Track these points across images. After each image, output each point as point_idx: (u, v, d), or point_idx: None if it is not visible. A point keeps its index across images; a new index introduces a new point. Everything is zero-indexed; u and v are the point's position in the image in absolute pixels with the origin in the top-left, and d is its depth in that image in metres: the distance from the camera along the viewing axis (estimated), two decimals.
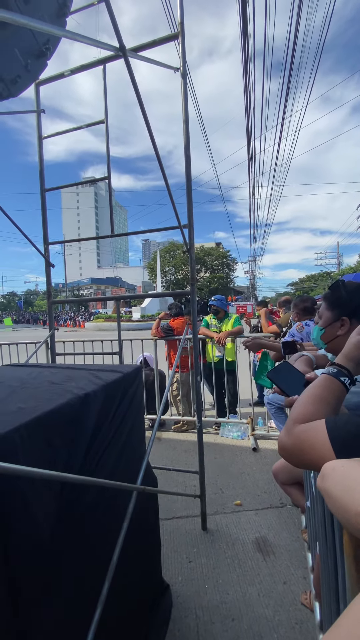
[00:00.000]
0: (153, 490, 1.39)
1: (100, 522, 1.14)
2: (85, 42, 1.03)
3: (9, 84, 1.01)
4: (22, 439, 0.90)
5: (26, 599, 0.85)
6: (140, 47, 2.15)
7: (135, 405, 1.52)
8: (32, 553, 0.88)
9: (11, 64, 1.02)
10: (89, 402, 1.19)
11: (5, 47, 0.98)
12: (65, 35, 0.96)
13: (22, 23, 0.74)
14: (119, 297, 2.70)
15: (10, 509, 0.82)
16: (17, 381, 1.45)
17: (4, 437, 0.85)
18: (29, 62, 1.08)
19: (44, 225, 2.69)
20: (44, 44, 1.14)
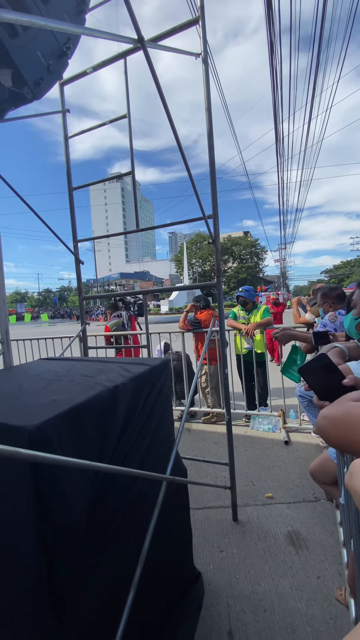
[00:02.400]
0: (182, 481, 1.42)
1: (132, 510, 1.18)
2: (104, 37, 1.03)
3: (32, 87, 1.04)
4: (56, 429, 0.95)
5: (63, 581, 0.90)
6: (160, 36, 2.12)
7: (163, 397, 1.54)
8: (69, 538, 0.93)
9: (34, 67, 1.04)
10: (118, 394, 1.22)
11: (27, 50, 1.01)
12: (84, 32, 0.96)
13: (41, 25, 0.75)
14: (146, 291, 2.74)
15: (48, 497, 0.87)
16: (52, 374, 1.53)
17: (40, 427, 0.90)
18: (50, 63, 1.10)
19: (73, 223, 2.77)
20: (65, 43, 1.15)
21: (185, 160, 1.69)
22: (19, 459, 0.61)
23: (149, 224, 3.93)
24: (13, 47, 0.95)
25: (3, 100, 0.97)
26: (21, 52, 0.99)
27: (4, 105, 1.00)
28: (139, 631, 1.21)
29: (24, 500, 0.87)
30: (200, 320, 4.36)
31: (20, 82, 1.00)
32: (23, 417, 0.94)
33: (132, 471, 0.97)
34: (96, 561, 1.01)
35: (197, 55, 2.11)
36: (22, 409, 1.03)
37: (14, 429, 0.89)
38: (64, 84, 2.59)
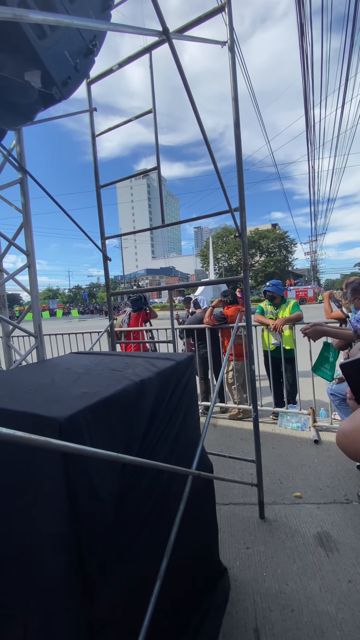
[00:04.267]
0: (208, 476, 1.42)
1: (158, 503, 1.20)
2: (129, 32, 1.03)
3: (60, 86, 1.07)
4: (86, 421, 0.98)
5: (92, 569, 0.93)
6: (186, 27, 2.08)
7: (189, 392, 1.55)
8: (97, 527, 0.96)
9: (62, 66, 1.06)
10: (144, 388, 1.24)
11: (55, 50, 1.03)
12: (110, 28, 0.97)
13: (68, 23, 0.76)
14: (172, 287, 2.74)
15: (78, 486, 0.90)
16: (82, 368, 1.58)
17: (71, 418, 0.93)
18: (77, 62, 1.12)
19: (100, 220, 2.83)
20: (91, 41, 1.16)
21: (212, 153, 1.66)
22: (50, 449, 0.64)
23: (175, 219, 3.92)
24: (42, 48, 0.97)
25: (33, 101, 1.01)
26: (49, 53, 1.01)
27: (34, 106, 1.03)
28: (166, 621, 1.24)
29: (56, 488, 0.91)
30: (227, 316, 4.31)
31: (49, 82, 1.03)
32: (55, 409, 0.98)
33: (159, 464, 0.98)
34: (124, 551, 1.04)
35: (223, 43, 2.05)
36: (54, 401, 1.07)
37: (46, 419, 0.93)
38: (91, 83, 2.63)
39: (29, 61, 0.97)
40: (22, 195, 2.06)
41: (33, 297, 2.12)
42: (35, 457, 0.94)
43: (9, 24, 0.88)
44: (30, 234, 2.08)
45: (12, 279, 2.14)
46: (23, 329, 2.20)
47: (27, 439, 0.58)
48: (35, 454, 0.93)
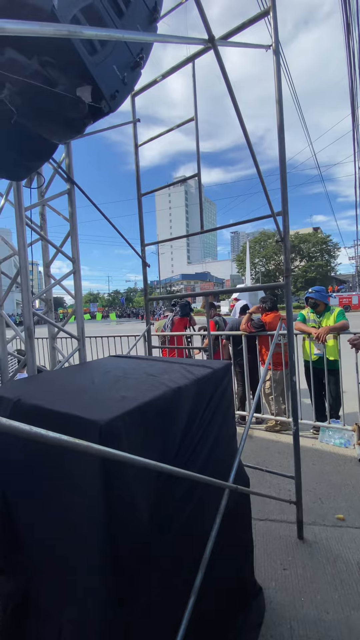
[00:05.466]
0: (246, 491, 1.36)
1: (193, 514, 1.17)
2: (176, 42, 1.05)
3: (109, 100, 1.11)
4: (125, 425, 0.99)
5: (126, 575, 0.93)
6: (230, 34, 2.08)
7: (226, 402, 1.51)
8: (133, 533, 0.96)
9: (111, 80, 1.11)
10: (181, 396, 1.23)
11: (104, 65, 1.07)
12: (157, 39, 0.99)
13: (118, 37, 0.79)
14: (208, 293, 2.72)
15: (115, 490, 0.91)
16: (121, 371, 1.61)
17: (111, 422, 0.94)
18: (125, 75, 1.16)
19: (141, 227, 2.90)
20: (138, 54, 1.20)
21: (255, 158, 1.63)
22: (92, 454, 0.64)
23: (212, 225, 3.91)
24: (92, 64, 1.02)
25: (83, 115, 1.06)
26: (99, 68, 1.06)
27: (84, 120, 1.08)
28: (198, 637, 1.20)
29: (94, 491, 0.92)
30: (265, 323, 4.18)
31: (98, 96, 1.08)
32: (95, 411, 1.00)
33: (195, 475, 0.96)
34: (158, 560, 1.03)
35: (267, 47, 2.02)
36: (95, 404, 1.10)
37: (87, 422, 0.95)
38: (135, 95, 2.72)
39: (80, 77, 1.03)
40: (69, 205, 2.18)
41: (77, 302, 2.22)
42: (77, 458, 0.96)
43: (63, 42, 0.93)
44: (76, 241, 2.19)
45: (59, 285, 2.26)
46: (67, 332, 2.30)
47: (71, 444, 0.59)
48: (76, 455, 0.95)
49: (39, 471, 1.14)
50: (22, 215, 1.86)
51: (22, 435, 0.54)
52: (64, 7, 0.93)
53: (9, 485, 1.26)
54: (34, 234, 2.07)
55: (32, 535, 1.17)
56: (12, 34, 0.54)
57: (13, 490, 1.26)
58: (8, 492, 1.26)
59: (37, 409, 1.14)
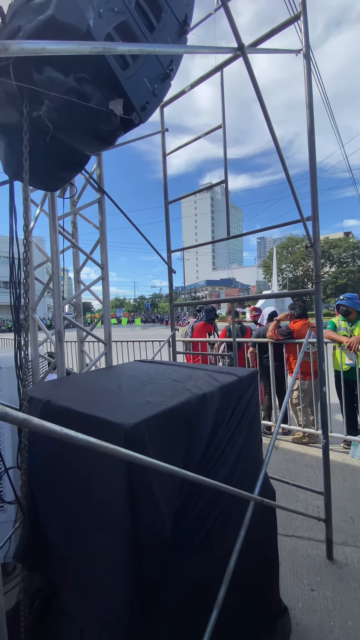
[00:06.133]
0: (271, 504, 1.32)
1: (217, 525, 1.15)
2: (206, 52, 1.06)
3: (139, 111, 1.14)
4: (149, 430, 0.99)
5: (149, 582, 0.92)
6: (259, 41, 2.09)
7: (251, 411, 1.47)
8: (156, 539, 0.96)
9: (141, 93, 1.15)
10: (206, 403, 1.22)
11: (136, 78, 1.11)
12: (187, 51, 1.01)
13: (149, 51, 0.82)
14: (234, 299, 2.69)
15: (139, 495, 0.91)
16: (146, 376, 1.62)
17: (136, 426, 0.95)
18: (155, 87, 1.19)
19: (167, 234, 2.94)
20: (168, 66, 1.23)
21: (284, 162, 1.60)
22: (118, 458, 0.65)
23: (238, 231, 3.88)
24: (124, 78, 1.06)
25: (115, 127, 1.10)
26: (130, 81, 1.10)
27: (115, 132, 1.12)
28: None
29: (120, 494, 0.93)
30: (293, 330, 4.06)
31: (129, 108, 1.11)
32: (121, 415, 1.01)
33: (220, 485, 0.94)
34: (181, 569, 1.01)
35: (298, 51, 2.00)
36: (121, 407, 1.11)
37: (113, 425, 0.96)
38: (164, 106, 2.79)
39: (112, 91, 1.07)
40: (99, 213, 2.25)
41: (105, 307, 2.27)
42: (102, 461, 0.98)
43: (97, 58, 0.98)
44: (105, 248, 2.25)
45: (88, 290, 2.33)
46: (95, 336, 2.36)
47: (99, 446, 0.60)
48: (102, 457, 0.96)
49: (66, 472, 1.17)
50: (56, 224, 1.94)
51: (53, 435, 0.56)
52: (98, 25, 0.97)
53: (38, 484, 1.31)
54: (66, 241, 2.16)
55: (57, 534, 1.19)
56: (52, 54, 0.58)
57: (41, 489, 1.30)
58: (36, 491, 1.30)
59: (65, 410, 1.18)
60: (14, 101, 1.05)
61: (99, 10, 0.96)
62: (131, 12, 1.10)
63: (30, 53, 0.55)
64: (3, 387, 1.95)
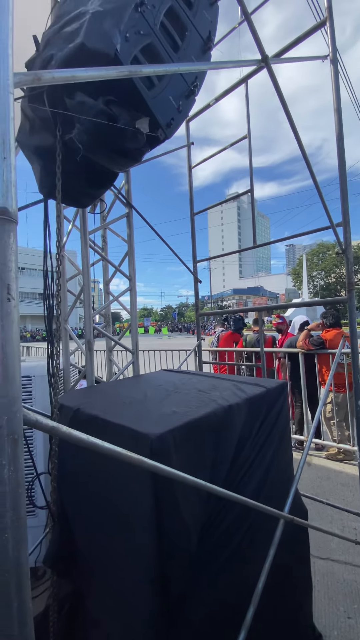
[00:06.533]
0: (303, 524, 1.25)
1: (245, 542, 1.11)
2: (230, 67, 1.08)
3: (165, 128, 1.18)
4: (175, 440, 0.99)
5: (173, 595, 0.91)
6: (284, 50, 2.09)
7: (281, 424, 1.42)
8: (181, 553, 0.94)
9: (167, 110, 1.18)
10: (232, 414, 1.19)
11: (161, 97, 1.15)
12: (211, 67, 1.03)
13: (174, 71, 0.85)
14: (261, 308, 2.65)
15: (164, 506, 0.90)
16: (172, 385, 1.63)
17: (161, 436, 0.95)
18: (180, 104, 1.23)
19: (193, 245, 2.97)
20: (192, 82, 1.27)
21: (311, 169, 1.58)
22: (143, 468, 0.65)
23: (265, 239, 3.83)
24: (150, 97, 1.10)
25: (141, 145, 1.14)
26: (156, 100, 1.14)
27: (142, 149, 1.17)
28: None
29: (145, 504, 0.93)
30: (326, 340, 3.89)
31: (155, 126, 1.15)
32: (147, 425, 1.02)
33: (247, 501, 0.91)
34: (206, 585, 0.99)
35: (324, 57, 1.97)
36: (147, 417, 1.12)
37: (139, 434, 0.97)
38: (189, 121, 2.85)
39: (139, 110, 1.12)
40: (128, 227, 2.33)
41: (132, 317, 2.32)
42: (129, 470, 0.98)
43: (125, 80, 1.02)
44: (132, 261, 2.32)
45: (117, 301, 2.40)
46: (123, 345, 2.41)
47: (124, 456, 0.60)
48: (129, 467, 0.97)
49: (93, 479, 1.19)
50: (87, 238, 2.03)
51: (80, 444, 0.57)
52: (125, 49, 1.03)
53: (67, 491, 1.34)
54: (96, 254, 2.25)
55: (85, 541, 1.21)
56: (81, 81, 0.62)
57: (70, 496, 1.33)
58: (65, 497, 1.33)
59: (94, 418, 1.21)
60: (48, 125, 1.13)
61: (126, 35, 1.02)
62: (156, 33, 1.15)
63: (61, 81, 0.60)
64: (36, 394, 2.04)
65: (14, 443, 0.43)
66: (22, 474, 0.44)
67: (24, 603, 0.41)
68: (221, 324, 5.47)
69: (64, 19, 1.08)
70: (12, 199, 0.46)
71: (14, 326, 0.45)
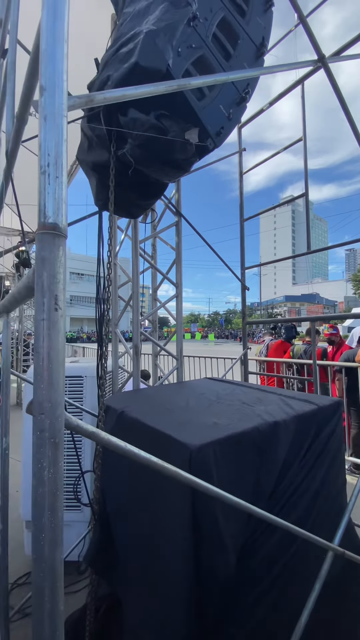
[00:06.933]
0: (356, 559, 1.12)
1: (288, 571, 1.03)
2: (283, 70, 1.05)
3: (214, 137, 1.18)
4: (215, 454, 0.96)
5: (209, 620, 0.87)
6: (344, 48, 1.96)
7: (334, 445, 1.31)
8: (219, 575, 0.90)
9: (216, 119, 1.18)
10: (278, 432, 1.13)
11: (212, 107, 1.15)
12: (263, 72, 1.01)
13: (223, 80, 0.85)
14: (315, 318, 2.48)
15: (202, 523, 0.88)
16: (214, 395, 1.60)
17: (201, 448, 0.93)
18: (231, 112, 1.22)
19: (242, 251, 2.91)
20: (244, 89, 1.25)
21: None
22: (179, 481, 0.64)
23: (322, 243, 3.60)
24: (200, 108, 1.11)
25: (191, 155, 1.15)
26: (206, 111, 1.14)
27: (191, 159, 1.18)
28: None
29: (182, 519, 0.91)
30: None
31: (204, 136, 1.16)
32: (187, 434, 1.00)
33: (291, 527, 0.84)
34: (243, 614, 0.93)
35: None
36: (188, 426, 1.11)
37: (179, 444, 0.96)
38: (242, 127, 2.83)
39: (189, 121, 1.13)
40: (176, 235, 2.37)
41: (178, 323, 2.35)
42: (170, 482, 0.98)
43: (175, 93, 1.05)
44: (180, 268, 2.35)
45: (163, 307, 2.45)
46: (167, 351, 2.45)
47: (160, 467, 0.60)
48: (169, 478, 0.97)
49: (136, 484, 1.20)
50: (137, 247, 2.11)
51: (118, 451, 0.58)
52: (177, 64, 1.06)
53: (111, 491, 1.38)
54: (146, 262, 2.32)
55: (123, 545, 1.23)
56: (131, 99, 0.64)
57: (112, 496, 1.37)
58: (108, 497, 1.38)
59: (136, 422, 1.23)
60: (104, 142, 1.20)
61: (178, 50, 1.04)
62: (208, 45, 1.16)
63: (112, 101, 0.63)
64: (87, 394, 2.15)
65: (55, 446, 0.45)
66: (61, 477, 0.46)
67: (56, 605, 0.43)
68: (269, 333, 5.25)
69: (120, 41, 1.14)
70: (62, 216, 0.49)
71: (60, 335, 0.48)
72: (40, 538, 0.43)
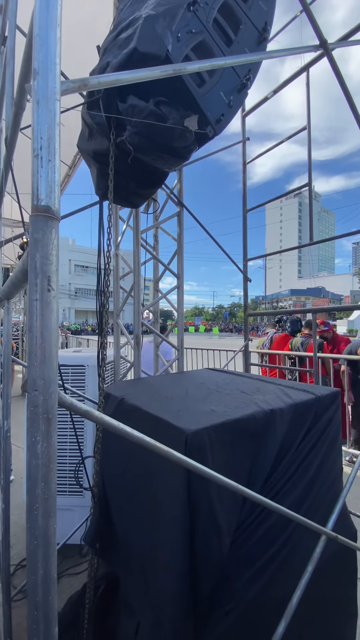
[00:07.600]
0: (349, 544, 1.15)
1: (281, 554, 1.05)
2: (283, 55, 1.03)
3: (214, 124, 1.17)
4: (210, 439, 0.98)
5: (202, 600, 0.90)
6: (350, 33, 1.92)
7: (331, 435, 1.32)
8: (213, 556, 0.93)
9: (216, 106, 1.17)
10: (274, 420, 1.14)
11: (211, 94, 1.14)
12: (262, 57, 1.00)
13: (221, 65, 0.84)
14: (318, 309, 2.48)
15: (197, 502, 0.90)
16: (214, 384, 1.61)
17: (197, 433, 0.95)
18: (231, 99, 1.21)
19: (244, 242, 2.89)
20: (245, 75, 1.23)
21: None
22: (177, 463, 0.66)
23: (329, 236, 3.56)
24: (200, 95, 1.10)
25: (190, 143, 1.15)
26: (206, 97, 1.13)
27: (190, 147, 1.17)
28: None
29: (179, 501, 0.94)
30: None
31: (204, 123, 1.15)
32: (184, 421, 1.03)
33: (283, 510, 0.86)
34: (237, 594, 0.96)
35: None
36: (184, 413, 1.13)
37: (176, 429, 0.99)
38: (245, 115, 2.79)
39: (188, 108, 1.12)
40: (178, 226, 2.36)
41: (179, 315, 2.36)
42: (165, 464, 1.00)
43: (175, 80, 1.04)
44: (181, 259, 2.35)
45: (165, 299, 2.46)
46: (168, 342, 2.47)
47: (154, 447, 0.62)
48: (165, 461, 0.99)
49: (134, 467, 1.23)
50: (139, 238, 2.12)
51: (111, 429, 0.60)
52: (176, 49, 1.04)
53: (109, 474, 1.41)
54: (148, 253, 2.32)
55: (121, 527, 1.27)
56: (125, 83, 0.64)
57: (111, 479, 1.40)
58: (107, 481, 1.41)
59: (135, 408, 1.26)
60: (104, 130, 1.20)
61: (177, 35, 1.03)
62: (209, 30, 1.15)
63: (106, 85, 0.63)
64: (89, 382, 2.18)
65: (48, 421, 0.47)
66: (54, 450, 0.48)
67: (49, 571, 0.45)
68: (272, 325, 5.24)
69: (120, 26, 1.13)
70: (55, 199, 0.50)
71: (52, 315, 0.49)
72: (34, 508, 0.45)
